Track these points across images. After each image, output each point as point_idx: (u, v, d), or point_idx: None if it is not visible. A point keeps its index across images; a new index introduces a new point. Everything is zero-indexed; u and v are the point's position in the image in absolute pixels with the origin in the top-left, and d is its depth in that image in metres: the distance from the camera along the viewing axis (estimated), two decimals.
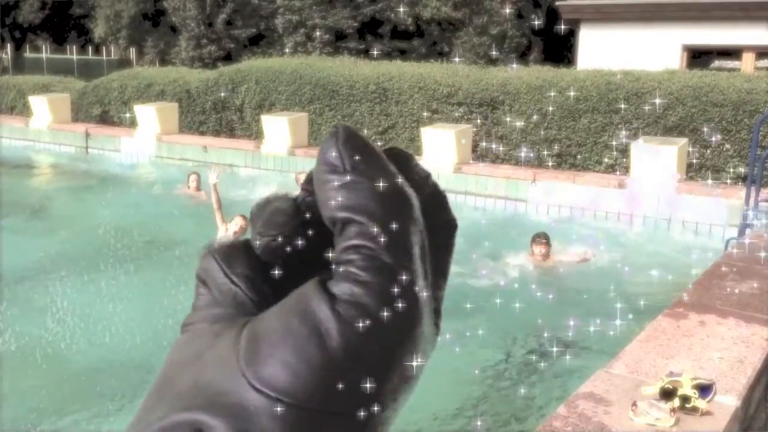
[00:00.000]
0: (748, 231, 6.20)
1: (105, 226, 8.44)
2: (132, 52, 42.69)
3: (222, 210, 7.19)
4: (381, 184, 0.29)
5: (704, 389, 2.87)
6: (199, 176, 10.19)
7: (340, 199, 0.29)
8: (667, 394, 2.80)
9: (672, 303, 4.10)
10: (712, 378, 2.98)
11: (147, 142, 12.94)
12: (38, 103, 14.58)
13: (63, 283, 6.23)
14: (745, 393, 3.01)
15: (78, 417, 4.22)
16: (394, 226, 0.29)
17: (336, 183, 0.29)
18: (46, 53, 47.34)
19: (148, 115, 12.96)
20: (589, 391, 2.98)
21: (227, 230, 7.07)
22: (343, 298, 0.27)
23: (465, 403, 4.25)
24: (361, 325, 0.27)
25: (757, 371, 3.26)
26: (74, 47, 46.87)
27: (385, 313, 0.27)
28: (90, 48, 47.44)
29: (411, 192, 0.30)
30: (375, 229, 0.28)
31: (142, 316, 5.61)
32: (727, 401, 2.92)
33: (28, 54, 48.51)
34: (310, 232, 0.32)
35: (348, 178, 0.29)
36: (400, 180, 0.30)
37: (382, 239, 0.28)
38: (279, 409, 0.26)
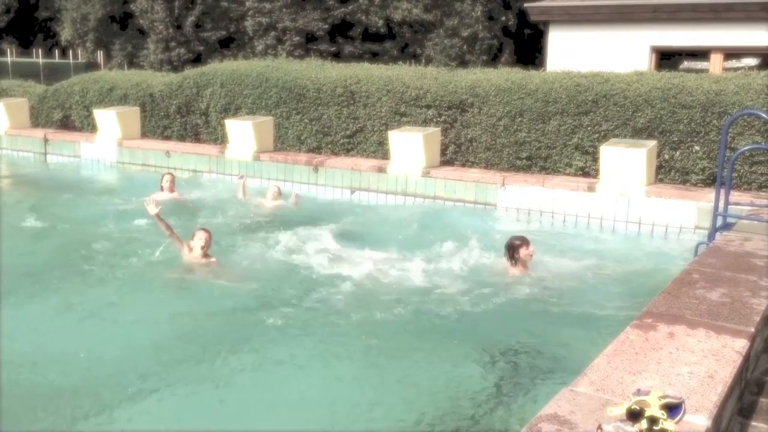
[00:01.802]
0: (717, 235, 6.10)
1: (63, 234, 8.13)
2: (99, 55, 42.06)
3: (174, 233, 6.90)
4: None
5: (673, 409, 2.71)
6: (173, 176, 9.93)
7: None
8: (634, 416, 2.64)
9: (640, 313, 3.95)
10: (681, 396, 2.82)
11: (108, 147, 12.59)
12: None
13: (19, 298, 5.89)
14: (715, 412, 2.85)
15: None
16: None
17: None
18: (11, 57, 46.52)
19: (108, 119, 12.62)
20: (553, 412, 2.80)
21: (191, 249, 6.81)
22: None
23: (419, 421, 4.06)
24: None
25: (729, 386, 3.12)
26: (40, 51, 46.11)
27: None
28: (57, 51, 46.72)
29: None
30: None
31: (103, 332, 5.33)
32: (697, 421, 2.77)
33: None
34: None
35: None
36: None
37: None
38: None
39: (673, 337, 3.60)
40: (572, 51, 13.42)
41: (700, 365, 3.27)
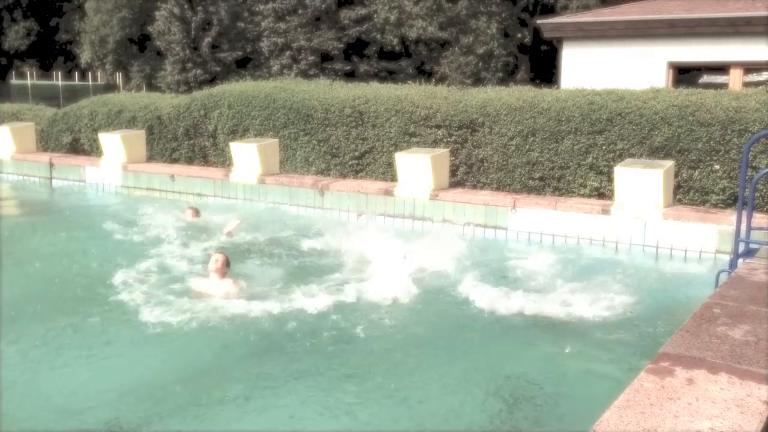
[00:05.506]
0: (739, 262, 5.72)
1: (64, 262, 7.91)
2: (118, 77, 42.42)
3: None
4: None
5: None
6: (197, 210, 9.81)
7: None
8: None
9: (656, 355, 3.60)
10: None
11: (112, 171, 12.43)
12: (0, 133, 14.10)
13: (22, 328, 5.62)
14: None
15: None
16: None
17: None
18: (31, 79, 47.08)
19: (113, 143, 12.47)
20: None
21: (208, 271, 6.74)
22: None
23: None
24: None
25: None
26: (60, 73, 46.62)
27: None
28: (76, 73, 47.24)
29: None
30: None
31: (112, 372, 5.04)
32: None
33: (13, 81, 48.20)
34: None
35: None
36: None
37: None
38: None
39: (692, 384, 3.25)
40: (586, 68, 13.11)
41: (722, 419, 2.92)
